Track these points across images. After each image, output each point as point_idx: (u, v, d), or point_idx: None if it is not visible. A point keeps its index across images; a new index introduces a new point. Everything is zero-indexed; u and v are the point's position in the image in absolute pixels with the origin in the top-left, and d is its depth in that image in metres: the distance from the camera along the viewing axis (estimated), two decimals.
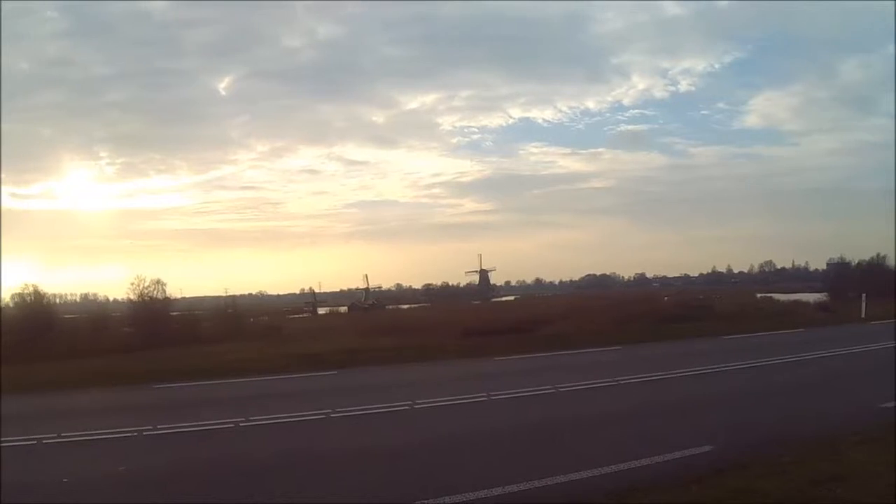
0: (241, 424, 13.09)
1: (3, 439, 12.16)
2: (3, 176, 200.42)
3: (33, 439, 12.08)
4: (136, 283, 42.21)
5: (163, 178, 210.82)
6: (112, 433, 12.55)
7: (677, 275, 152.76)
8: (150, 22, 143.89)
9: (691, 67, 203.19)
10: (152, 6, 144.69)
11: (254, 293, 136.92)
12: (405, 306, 78.75)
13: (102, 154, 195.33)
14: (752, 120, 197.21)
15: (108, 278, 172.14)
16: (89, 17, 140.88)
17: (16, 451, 11.64)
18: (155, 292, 42.40)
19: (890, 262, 64.20)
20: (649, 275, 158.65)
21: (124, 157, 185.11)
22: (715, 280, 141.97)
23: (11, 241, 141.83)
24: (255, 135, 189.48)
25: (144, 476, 9.92)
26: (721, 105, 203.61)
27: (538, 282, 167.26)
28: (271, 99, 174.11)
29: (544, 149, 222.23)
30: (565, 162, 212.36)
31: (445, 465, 9.97)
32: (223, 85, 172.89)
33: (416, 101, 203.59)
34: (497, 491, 8.44)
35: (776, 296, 61.09)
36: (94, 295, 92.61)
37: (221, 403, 16.01)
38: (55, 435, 12.33)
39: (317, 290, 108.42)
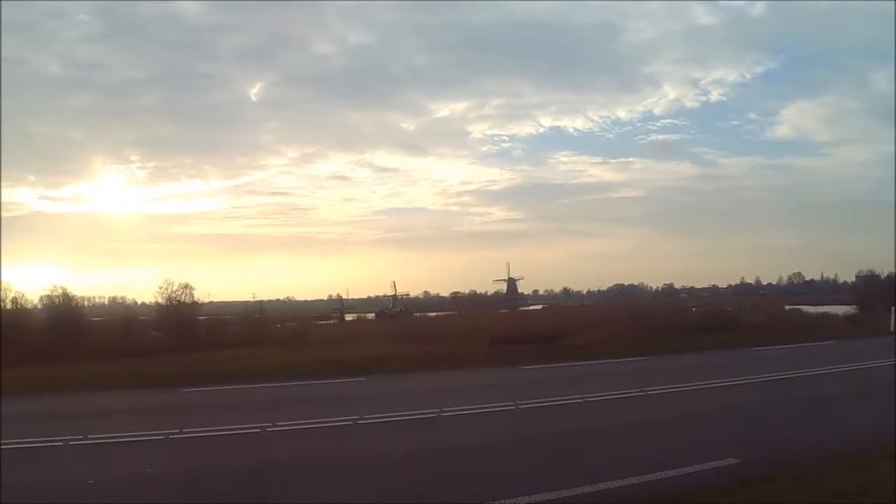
0: (267, 429, 13.02)
1: (28, 440, 12.22)
2: (32, 178, 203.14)
3: (59, 440, 12.08)
4: (164, 286, 42.55)
5: (193, 182, 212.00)
6: (139, 435, 12.54)
7: (705, 285, 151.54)
8: (181, 26, 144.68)
9: (722, 77, 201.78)
10: (184, 10, 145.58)
11: (282, 298, 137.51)
12: (433, 314, 78.38)
13: (133, 158, 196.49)
14: (782, 131, 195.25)
15: (137, 281, 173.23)
16: (121, 21, 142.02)
17: (41, 451, 11.65)
18: (183, 296, 42.70)
19: None
20: (677, 285, 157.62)
21: (155, 160, 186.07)
22: (743, 291, 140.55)
23: (41, 244, 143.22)
24: (286, 140, 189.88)
25: (171, 478, 9.88)
26: (752, 115, 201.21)
27: (566, 291, 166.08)
28: (302, 105, 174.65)
29: (574, 157, 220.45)
30: (595, 171, 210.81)
31: (469, 474, 9.81)
32: (254, 90, 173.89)
33: (446, 108, 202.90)
34: (523, 500, 8.31)
35: (805, 308, 60.21)
36: (123, 298, 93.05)
37: (248, 408, 15.97)
38: (81, 436, 12.33)
39: (344, 297, 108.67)
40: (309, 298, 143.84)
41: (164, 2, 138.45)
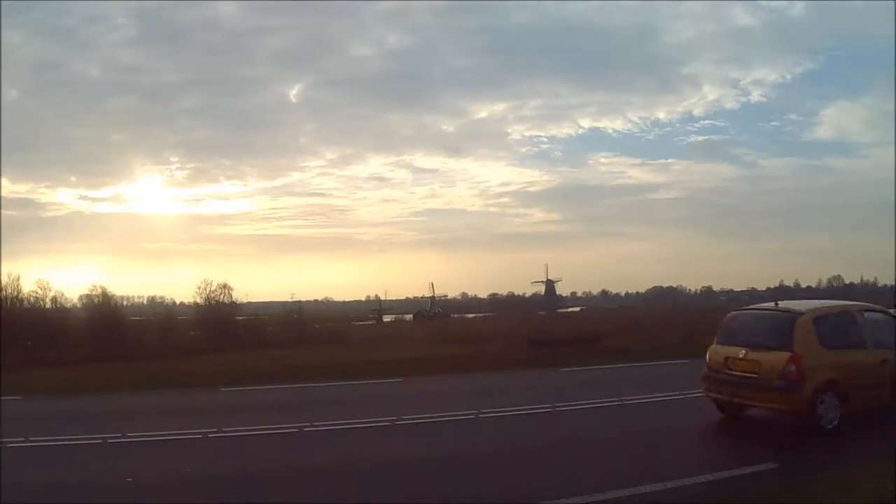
0: (305, 429, 12.98)
1: (68, 438, 12.30)
2: (73, 179, 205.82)
3: (98, 438, 12.13)
4: (203, 286, 42.90)
5: (232, 183, 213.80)
6: (178, 434, 12.57)
7: (744, 288, 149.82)
8: (221, 29, 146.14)
9: (763, 78, 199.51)
10: (223, 14, 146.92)
11: (320, 299, 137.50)
12: (470, 315, 78.11)
13: (173, 159, 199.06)
14: (822, 131, 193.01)
15: (176, 281, 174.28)
16: (160, 25, 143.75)
17: (80, 449, 11.74)
18: (221, 296, 43.05)
19: None
20: (716, 288, 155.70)
21: (195, 162, 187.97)
22: (782, 294, 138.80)
23: (81, 244, 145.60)
24: (324, 142, 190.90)
25: (210, 478, 9.86)
26: (792, 116, 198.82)
27: (604, 293, 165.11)
28: (340, 107, 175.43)
29: (613, 159, 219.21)
30: (634, 172, 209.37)
31: (507, 477, 9.69)
32: (293, 92, 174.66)
33: (485, 110, 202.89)
34: (562, 502, 8.18)
35: None
36: (162, 298, 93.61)
37: (286, 408, 15.97)
38: (120, 435, 12.37)
39: (382, 298, 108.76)
40: (347, 299, 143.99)
41: (203, 3, 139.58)
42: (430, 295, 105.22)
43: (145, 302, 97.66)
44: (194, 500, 8.88)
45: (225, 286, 43.14)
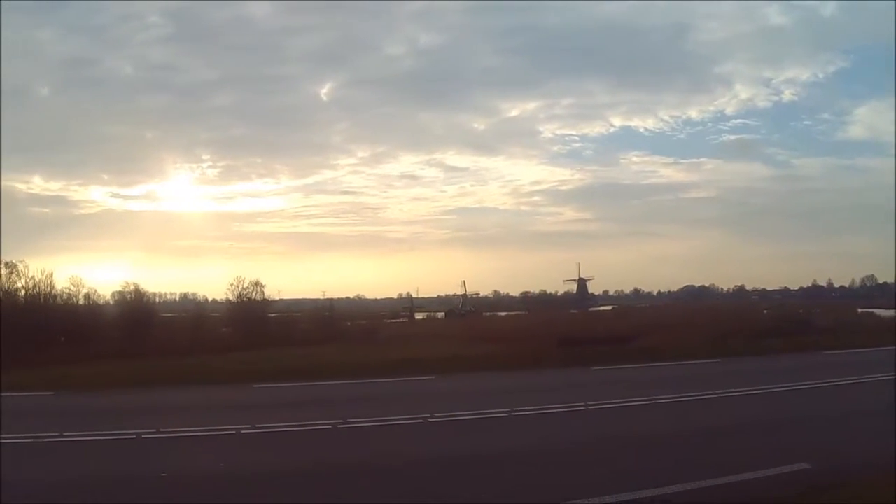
0: (338, 426, 12.96)
1: (102, 433, 12.37)
2: (105, 177, 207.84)
3: (132, 434, 12.17)
4: (235, 284, 43.09)
5: (264, 181, 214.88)
6: (212, 430, 12.59)
7: (777, 288, 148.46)
8: (253, 28, 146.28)
9: (795, 77, 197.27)
10: (256, 13, 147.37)
11: (351, 297, 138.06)
12: (502, 314, 78.04)
13: (205, 157, 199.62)
14: (855, 131, 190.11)
15: (208, 279, 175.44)
16: (192, 23, 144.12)
17: (116, 444, 11.79)
18: (253, 294, 43.20)
19: None
20: (748, 287, 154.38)
21: (226, 160, 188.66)
22: (815, 294, 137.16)
23: (113, 241, 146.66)
24: (356, 140, 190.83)
25: (243, 473, 9.85)
26: (825, 115, 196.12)
27: (636, 292, 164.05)
28: (372, 105, 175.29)
29: (645, 158, 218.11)
30: (666, 171, 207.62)
31: (540, 475, 9.62)
32: (325, 91, 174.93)
33: (517, 108, 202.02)
34: (595, 501, 8.13)
35: (878, 311, 58.48)
36: (194, 295, 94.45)
37: (319, 405, 15.98)
38: (154, 430, 12.42)
39: (414, 296, 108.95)
40: (379, 297, 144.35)
41: (236, 2, 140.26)
42: (462, 293, 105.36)
43: (177, 299, 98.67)
44: (228, 496, 8.87)
45: (257, 283, 43.39)
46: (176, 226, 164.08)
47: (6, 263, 34.92)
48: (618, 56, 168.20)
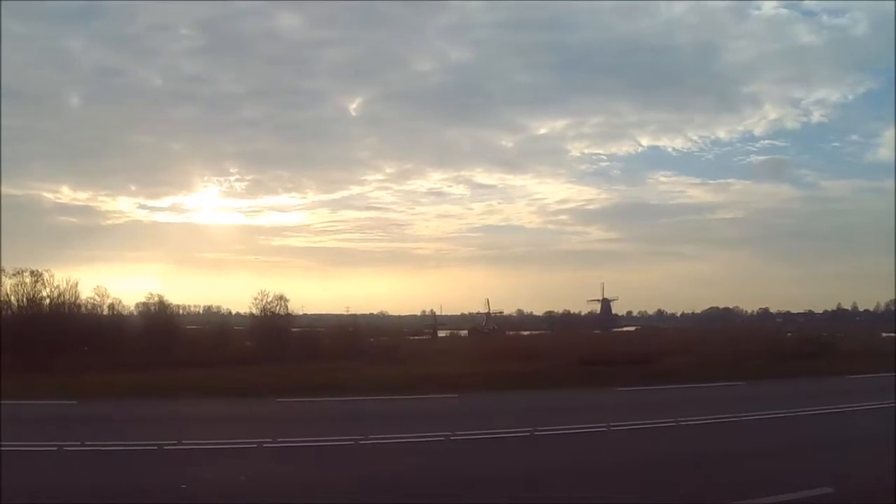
0: (360, 442, 12.92)
1: (124, 443, 12.40)
2: (133, 188, 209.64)
3: (154, 444, 12.18)
4: (259, 297, 43.17)
5: (290, 195, 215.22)
6: (232, 442, 12.62)
7: (801, 311, 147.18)
8: (282, 41, 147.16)
9: (824, 98, 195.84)
10: (285, 26, 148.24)
11: (375, 313, 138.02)
12: (526, 332, 77.78)
13: (232, 170, 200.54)
14: (884, 153, 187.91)
15: (232, 292, 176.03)
16: (223, 36, 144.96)
17: (137, 454, 11.80)
18: (277, 308, 43.25)
19: None
20: (773, 310, 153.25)
21: (254, 173, 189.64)
22: (840, 317, 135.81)
23: (139, 252, 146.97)
24: (383, 156, 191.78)
25: (264, 487, 9.84)
26: (854, 137, 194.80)
27: (660, 313, 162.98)
28: (400, 121, 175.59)
29: (673, 178, 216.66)
30: (694, 192, 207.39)
31: (562, 497, 9.55)
32: (353, 106, 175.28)
33: (545, 126, 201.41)
34: None
35: None
36: (218, 307, 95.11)
37: (341, 420, 16.00)
38: (176, 441, 12.42)
39: (438, 313, 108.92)
40: (402, 313, 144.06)
41: (266, 14, 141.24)
42: (486, 311, 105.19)
43: (201, 311, 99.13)
44: None
45: (281, 298, 43.43)
46: (202, 238, 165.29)
47: (32, 272, 35.24)
48: (646, 75, 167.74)
